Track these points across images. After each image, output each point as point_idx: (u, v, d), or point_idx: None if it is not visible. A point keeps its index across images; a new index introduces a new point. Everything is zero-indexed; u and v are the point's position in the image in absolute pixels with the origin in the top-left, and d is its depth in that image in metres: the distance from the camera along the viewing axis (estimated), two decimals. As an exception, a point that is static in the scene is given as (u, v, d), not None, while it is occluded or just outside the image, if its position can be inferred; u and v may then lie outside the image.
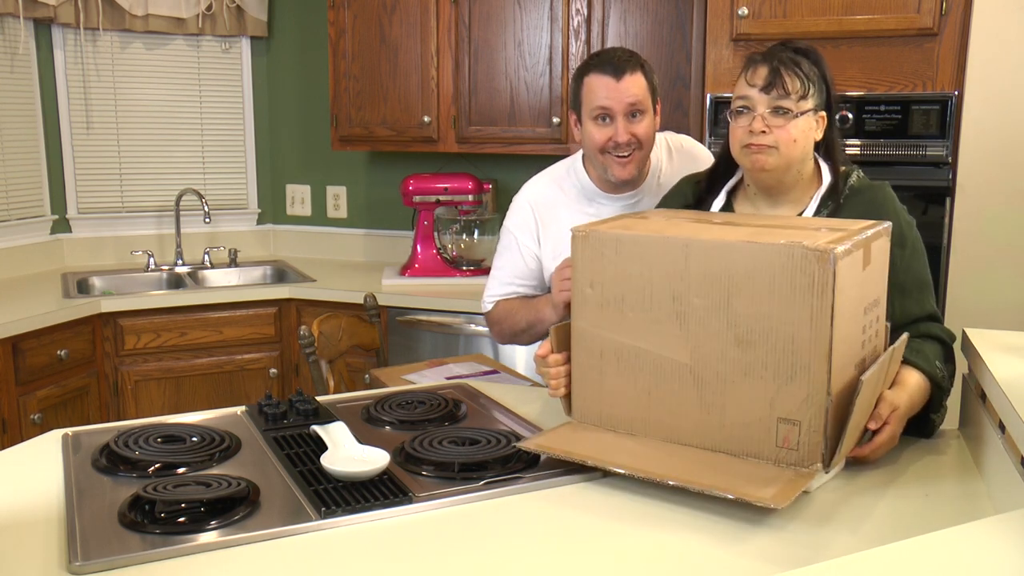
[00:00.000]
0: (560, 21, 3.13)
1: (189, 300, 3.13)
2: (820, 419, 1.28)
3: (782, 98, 1.54)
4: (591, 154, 1.93)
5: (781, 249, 1.28)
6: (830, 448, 1.30)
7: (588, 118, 1.90)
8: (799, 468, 1.30)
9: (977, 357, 1.51)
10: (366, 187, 3.88)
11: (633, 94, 1.86)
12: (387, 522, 1.25)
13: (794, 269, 1.27)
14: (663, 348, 1.41)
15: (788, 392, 1.30)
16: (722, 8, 2.64)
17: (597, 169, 1.96)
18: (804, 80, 1.55)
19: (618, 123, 1.86)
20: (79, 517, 1.24)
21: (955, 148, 2.45)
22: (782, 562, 1.14)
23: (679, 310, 1.38)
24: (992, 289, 2.45)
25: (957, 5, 2.41)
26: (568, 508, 1.31)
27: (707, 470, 1.32)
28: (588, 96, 1.89)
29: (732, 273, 1.32)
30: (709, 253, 1.34)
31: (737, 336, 1.33)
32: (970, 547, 0.97)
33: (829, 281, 1.25)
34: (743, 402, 1.34)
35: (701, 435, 1.39)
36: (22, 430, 2.67)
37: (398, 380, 2.18)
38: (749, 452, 1.35)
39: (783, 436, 1.31)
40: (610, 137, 1.87)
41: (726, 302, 1.33)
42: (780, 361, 1.30)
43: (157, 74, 3.69)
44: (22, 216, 3.42)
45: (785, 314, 1.29)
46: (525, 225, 2.07)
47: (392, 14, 3.31)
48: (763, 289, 1.30)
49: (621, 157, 1.88)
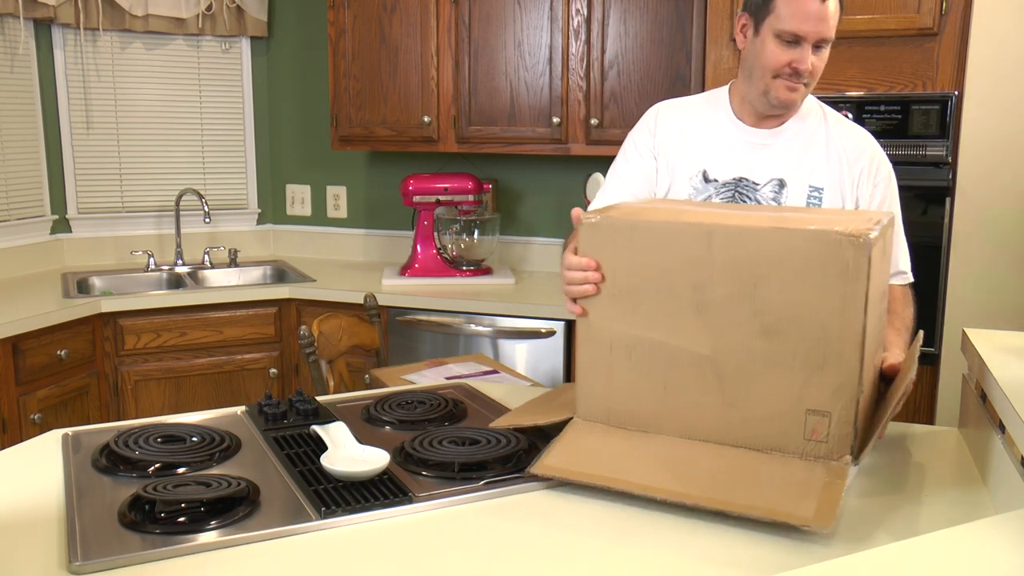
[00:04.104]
0: (560, 21, 3.13)
1: (189, 300, 3.13)
2: (851, 409, 1.25)
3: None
4: (760, 72, 1.71)
5: (814, 235, 1.24)
6: (859, 439, 1.26)
7: (772, 34, 1.67)
8: (828, 461, 1.26)
9: (977, 357, 1.51)
10: (366, 187, 3.89)
11: (831, 25, 1.66)
12: (387, 522, 1.25)
13: (827, 255, 1.23)
14: (681, 340, 1.35)
15: (818, 382, 1.26)
16: (722, 8, 2.64)
17: (757, 88, 1.73)
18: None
19: (805, 50, 1.66)
20: (79, 517, 1.24)
21: (955, 148, 2.45)
22: (781, 562, 1.13)
23: (699, 300, 1.32)
24: (992, 289, 2.45)
25: (957, 5, 2.41)
26: (568, 508, 1.31)
27: (734, 480, 1.27)
28: (784, 11, 1.64)
29: (759, 260, 1.27)
30: (735, 240, 1.29)
31: (763, 326, 1.28)
32: (970, 547, 0.97)
33: (864, 267, 1.21)
34: (768, 394, 1.29)
35: (722, 430, 1.34)
36: (22, 430, 2.67)
37: (398, 380, 2.18)
38: (774, 446, 1.30)
39: (811, 428, 1.27)
40: (791, 61, 1.67)
41: (752, 291, 1.28)
42: (809, 350, 1.26)
43: (157, 74, 3.69)
44: (22, 216, 3.42)
45: (816, 301, 1.24)
46: (644, 126, 1.87)
47: (392, 14, 3.31)
48: (793, 276, 1.25)
49: (792, 82, 1.69)
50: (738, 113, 1.80)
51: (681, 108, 1.86)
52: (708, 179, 1.76)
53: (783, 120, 1.78)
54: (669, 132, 1.83)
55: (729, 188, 1.75)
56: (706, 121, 1.82)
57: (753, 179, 1.75)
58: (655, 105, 1.89)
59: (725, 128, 1.80)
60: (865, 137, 1.78)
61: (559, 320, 2.92)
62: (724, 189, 1.75)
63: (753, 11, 1.71)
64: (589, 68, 3.11)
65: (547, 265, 3.61)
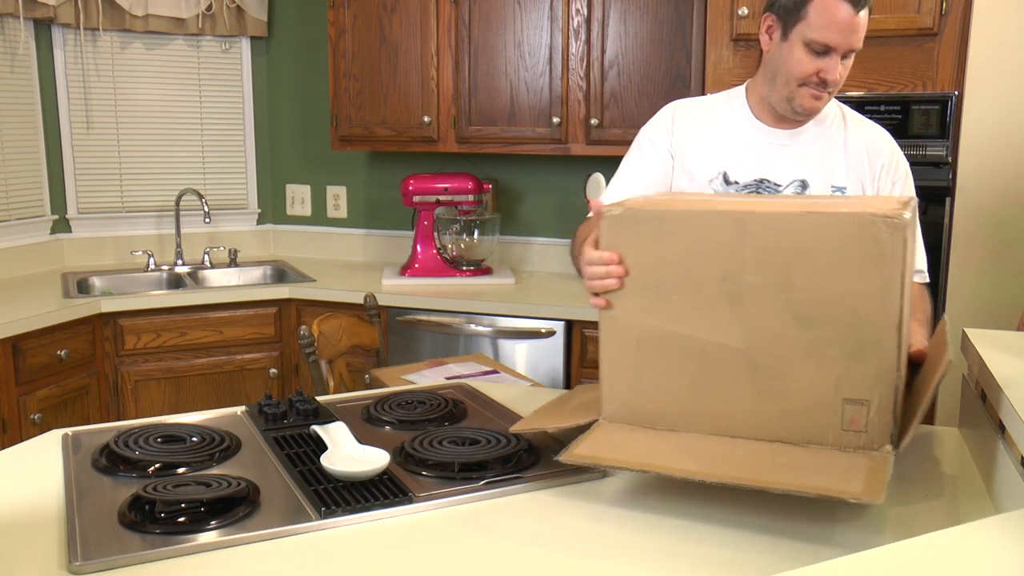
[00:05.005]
0: (560, 21, 3.13)
1: (189, 300, 3.13)
2: (890, 397, 1.21)
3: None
4: (785, 78, 1.68)
5: (849, 218, 1.20)
6: (899, 427, 1.23)
7: (801, 42, 1.63)
8: (868, 451, 1.23)
9: (977, 357, 1.51)
10: (366, 187, 3.89)
11: (860, 36, 1.63)
12: (387, 522, 1.25)
13: (863, 238, 1.19)
14: (711, 333, 1.30)
15: (855, 370, 1.22)
16: (722, 8, 2.64)
17: (780, 94, 1.71)
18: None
19: (834, 60, 1.63)
20: (79, 517, 1.24)
21: (955, 148, 2.45)
22: (781, 562, 1.13)
23: (730, 290, 1.28)
24: (992, 289, 2.45)
25: (957, 5, 2.41)
26: (568, 507, 1.31)
27: (774, 465, 1.22)
28: (817, 19, 1.60)
29: (793, 247, 1.23)
30: (768, 227, 1.25)
31: (797, 314, 1.24)
32: (970, 547, 0.97)
33: (900, 249, 1.17)
34: (805, 385, 1.25)
35: (756, 425, 1.30)
36: (22, 430, 2.67)
37: (398, 380, 2.18)
38: (811, 439, 1.26)
39: (849, 418, 1.24)
40: (819, 71, 1.64)
41: (786, 278, 1.24)
42: (846, 338, 1.22)
43: (157, 74, 3.69)
44: (22, 216, 3.42)
45: (852, 287, 1.21)
46: (661, 123, 1.84)
47: (392, 14, 3.31)
48: (828, 262, 1.21)
49: (818, 90, 1.67)
50: (756, 113, 1.78)
51: (698, 108, 1.84)
52: (729, 181, 1.74)
53: (803, 121, 1.76)
54: (687, 133, 1.80)
55: (750, 190, 1.73)
56: (724, 122, 1.80)
57: (775, 180, 1.73)
58: (671, 103, 1.86)
59: (744, 129, 1.78)
60: (883, 135, 1.78)
61: (559, 320, 2.92)
62: (745, 191, 1.74)
63: (782, 14, 1.66)
64: (589, 68, 3.11)
65: (547, 265, 3.61)
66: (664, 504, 1.30)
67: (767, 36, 1.71)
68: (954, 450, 1.56)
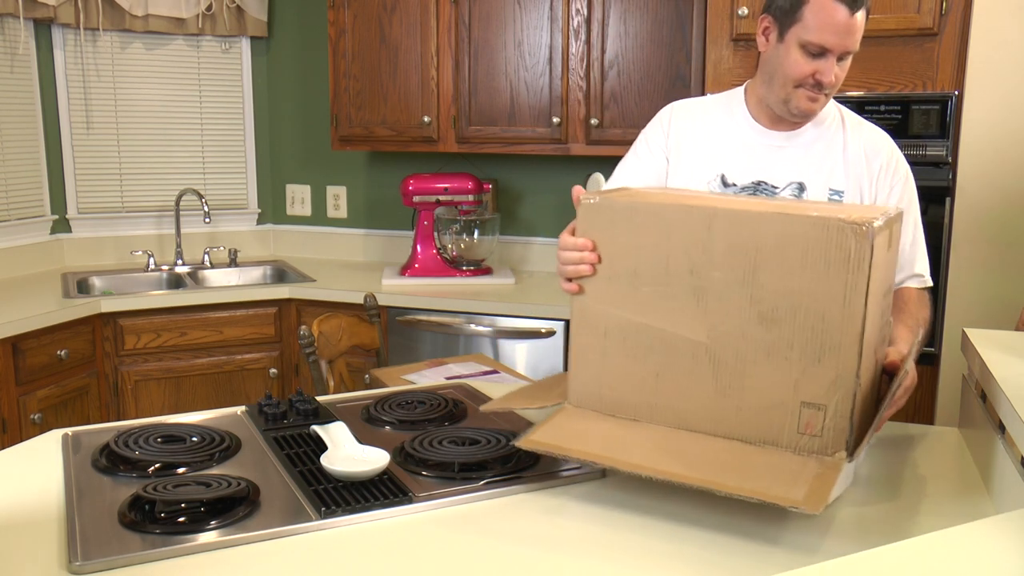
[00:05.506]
0: (560, 21, 3.13)
1: (189, 300, 3.13)
2: (847, 403, 1.21)
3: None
4: (781, 79, 1.67)
5: (816, 221, 1.21)
6: (855, 435, 1.23)
7: (797, 43, 1.62)
8: (821, 456, 1.24)
9: (977, 357, 1.51)
10: (366, 187, 3.89)
11: (857, 38, 1.62)
12: (387, 522, 1.25)
13: (829, 242, 1.20)
14: (677, 326, 1.31)
15: (814, 374, 1.23)
16: (722, 8, 2.64)
17: (776, 95, 1.70)
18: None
19: (830, 62, 1.62)
20: (79, 517, 1.24)
21: (955, 148, 2.45)
22: (780, 562, 1.13)
23: (697, 285, 1.29)
24: (992, 289, 2.45)
25: (957, 5, 2.41)
26: (568, 507, 1.31)
27: (725, 465, 1.24)
28: (813, 20, 1.60)
29: (760, 246, 1.24)
30: (736, 224, 1.26)
31: (761, 313, 1.25)
32: (970, 547, 0.97)
33: (866, 256, 1.18)
34: (764, 384, 1.26)
35: (714, 420, 1.31)
36: (22, 430, 2.67)
37: (398, 380, 2.18)
38: (766, 439, 1.27)
39: (806, 421, 1.24)
40: (815, 72, 1.63)
41: (751, 276, 1.25)
42: (808, 341, 1.22)
43: (157, 74, 3.69)
44: (22, 216, 3.42)
45: (816, 290, 1.21)
46: (658, 124, 1.84)
47: (392, 14, 3.31)
48: (793, 263, 1.22)
49: (814, 92, 1.66)
50: (755, 115, 1.78)
51: (697, 109, 1.84)
52: (727, 183, 1.74)
53: (801, 123, 1.76)
54: (684, 134, 1.80)
55: (748, 192, 1.73)
56: (723, 124, 1.80)
57: (772, 182, 1.73)
58: (670, 104, 1.87)
59: (742, 131, 1.78)
60: (882, 137, 1.77)
61: (559, 320, 2.92)
62: (743, 193, 1.73)
63: (778, 16, 1.66)
64: (589, 68, 3.11)
65: (547, 265, 3.61)
66: (663, 505, 1.30)
67: (764, 37, 1.71)
68: (954, 450, 1.56)
